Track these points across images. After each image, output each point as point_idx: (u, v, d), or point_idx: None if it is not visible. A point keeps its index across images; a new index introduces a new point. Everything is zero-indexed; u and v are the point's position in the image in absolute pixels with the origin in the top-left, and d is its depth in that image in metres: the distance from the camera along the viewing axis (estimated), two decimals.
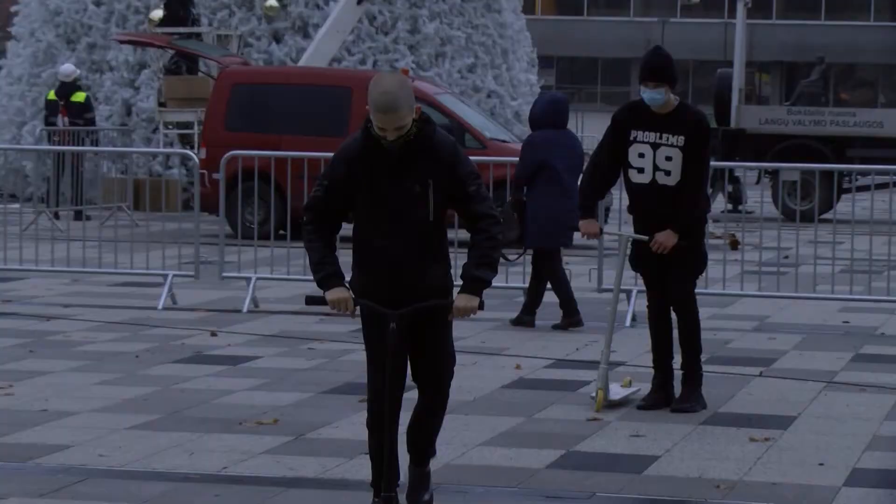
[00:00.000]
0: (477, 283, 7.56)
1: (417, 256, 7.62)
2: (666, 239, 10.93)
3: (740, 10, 33.36)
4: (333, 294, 7.50)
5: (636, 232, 11.35)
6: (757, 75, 68.37)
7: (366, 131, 7.59)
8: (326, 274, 7.55)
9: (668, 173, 11.00)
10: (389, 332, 7.40)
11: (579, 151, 16.37)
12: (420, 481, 8.10)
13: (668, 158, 10.97)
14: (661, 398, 11.32)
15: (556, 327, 15.58)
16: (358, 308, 7.53)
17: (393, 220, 7.60)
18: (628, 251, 11.53)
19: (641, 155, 11.05)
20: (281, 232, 21.85)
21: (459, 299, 7.55)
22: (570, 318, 15.53)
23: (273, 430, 10.52)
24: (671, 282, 11.25)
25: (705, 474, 9.48)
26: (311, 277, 7.63)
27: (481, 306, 7.61)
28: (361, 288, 7.64)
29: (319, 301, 7.60)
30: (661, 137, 11.00)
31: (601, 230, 11.69)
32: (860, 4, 69.01)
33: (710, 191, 13.18)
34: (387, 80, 7.52)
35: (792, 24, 71.87)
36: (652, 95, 11.05)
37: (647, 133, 11.06)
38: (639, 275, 12.06)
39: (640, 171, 11.07)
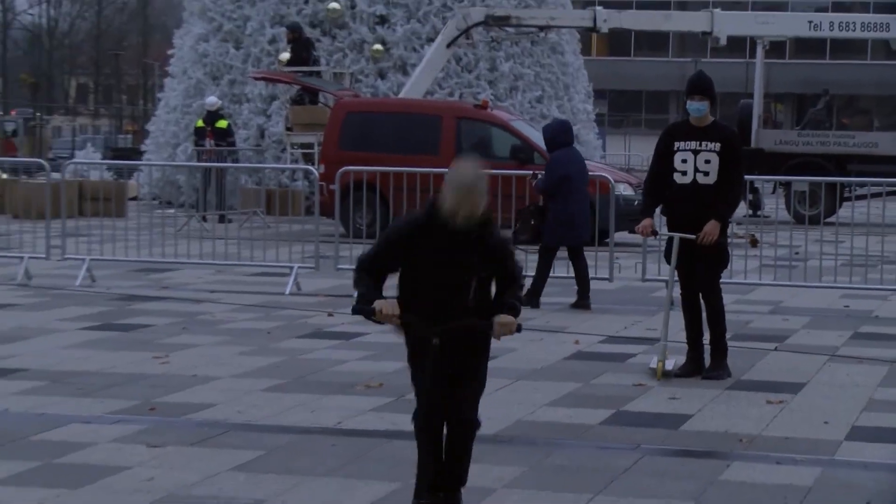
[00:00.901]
0: (512, 307, 6.74)
1: (458, 316, 6.77)
2: (713, 228, 10.85)
3: (759, 51, 33.11)
4: (381, 302, 6.70)
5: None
6: (773, 105, 67.91)
7: (430, 212, 6.69)
8: (372, 297, 6.76)
9: (706, 174, 10.92)
10: (432, 347, 6.70)
11: (585, 164, 16.39)
12: None
13: (707, 161, 10.92)
14: (693, 368, 11.27)
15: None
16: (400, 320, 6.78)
17: (436, 298, 6.80)
18: (663, 248, 11.55)
19: (684, 161, 10.99)
20: None
21: (501, 318, 6.70)
22: (531, 299, 15.26)
23: (378, 392, 10.56)
24: (699, 275, 11.20)
25: (730, 430, 9.45)
26: None
27: (519, 329, 6.76)
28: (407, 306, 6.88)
29: (366, 312, 6.76)
30: (700, 145, 10.95)
31: (656, 232, 11.63)
32: (859, 47, 68.31)
33: None
34: (468, 166, 6.71)
35: (802, 63, 71.24)
36: (697, 107, 11.02)
37: (688, 142, 11.01)
38: (664, 252, 12.00)
39: (684, 173, 10.99)
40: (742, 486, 8.03)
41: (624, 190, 22.16)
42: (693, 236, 10.95)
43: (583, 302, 15.66)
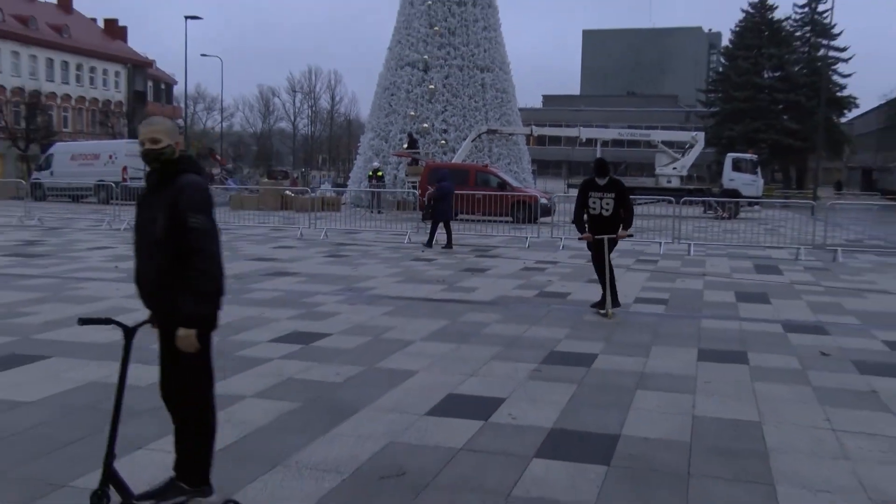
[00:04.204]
0: (186, 318, 3.01)
1: (156, 278, 3.06)
2: (623, 231, 8.83)
3: (599, 145, 32.77)
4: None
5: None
6: None
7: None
8: None
9: (608, 210, 8.92)
10: (124, 346, 3.03)
11: (452, 189, 15.17)
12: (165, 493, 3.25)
13: (608, 203, 8.92)
14: (603, 302, 8.82)
15: (444, 247, 14.34)
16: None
17: (138, 238, 3.16)
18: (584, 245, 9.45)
19: (594, 203, 8.94)
20: None
21: (178, 332, 3.01)
22: (429, 242, 14.65)
23: (442, 283, 10.25)
24: (607, 252, 9.14)
25: (590, 300, 9.13)
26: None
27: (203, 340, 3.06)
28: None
29: (90, 321, 3.33)
30: (603, 195, 8.94)
31: (593, 237, 8.98)
32: (639, 143, 66.91)
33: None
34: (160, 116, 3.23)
35: (616, 149, 69.86)
36: (601, 181, 8.95)
37: (596, 193, 8.94)
38: (587, 245, 9.22)
39: (594, 209, 8.93)
40: (591, 322, 7.83)
41: (542, 200, 21.76)
42: (614, 236, 9.00)
43: (451, 246, 14.49)
